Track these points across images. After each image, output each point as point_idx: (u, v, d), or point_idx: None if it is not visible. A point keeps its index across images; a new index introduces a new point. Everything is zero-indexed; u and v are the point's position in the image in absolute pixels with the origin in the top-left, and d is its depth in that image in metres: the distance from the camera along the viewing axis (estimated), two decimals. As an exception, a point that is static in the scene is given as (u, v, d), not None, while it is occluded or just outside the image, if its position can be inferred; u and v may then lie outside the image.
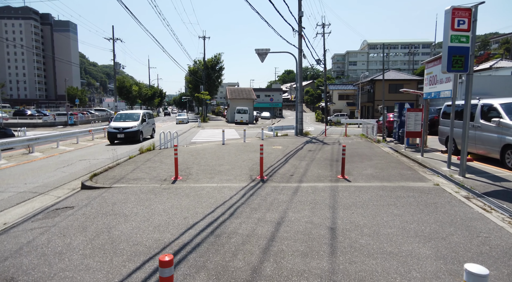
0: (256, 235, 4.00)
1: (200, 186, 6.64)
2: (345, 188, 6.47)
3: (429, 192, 6.16)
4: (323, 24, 36.51)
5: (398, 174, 7.92)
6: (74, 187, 7.08)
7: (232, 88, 43.52)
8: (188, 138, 18.43)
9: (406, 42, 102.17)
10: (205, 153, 11.36)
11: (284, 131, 21.36)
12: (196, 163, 9.38)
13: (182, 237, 3.95)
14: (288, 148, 12.80)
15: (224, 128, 27.73)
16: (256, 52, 19.78)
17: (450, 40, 7.09)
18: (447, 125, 11.15)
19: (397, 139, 14.67)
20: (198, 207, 5.19)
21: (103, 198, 5.77)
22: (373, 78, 39.57)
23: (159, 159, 10.05)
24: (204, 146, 13.95)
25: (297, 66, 20.18)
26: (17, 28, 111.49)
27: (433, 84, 9.77)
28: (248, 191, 6.19)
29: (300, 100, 20.43)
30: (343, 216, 4.76)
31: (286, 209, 5.08)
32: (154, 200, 5.57)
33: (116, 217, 4.70)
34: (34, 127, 31.63)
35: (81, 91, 75.92)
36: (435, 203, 5.45)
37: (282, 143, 14.88)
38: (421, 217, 4.73)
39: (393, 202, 5.49)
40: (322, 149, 12.56)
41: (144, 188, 6.42)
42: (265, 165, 8.95)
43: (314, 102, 74.38)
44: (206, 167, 8.69)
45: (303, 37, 20.17)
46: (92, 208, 5.17)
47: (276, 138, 17.08)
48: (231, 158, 10.31)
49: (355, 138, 17.80)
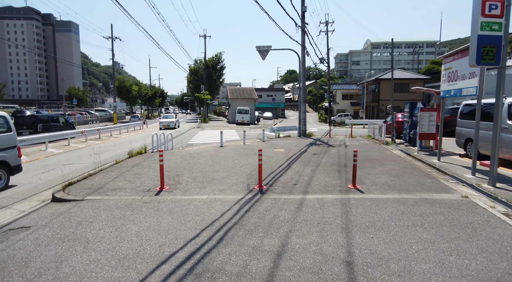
0: (249, 275, 3.03)
1: (188, 198, 5.67)
2: (359, 201, 5.48)
3: (459, 207, 5.16)
4: (327, 21, 35.51)
5: (417, 182, 6.92)
6: (45, 198, 6.15)
7: (233, 88, 42.55)
8: (186, 140, 17.49)
9: (410, 42, 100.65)
10: (200, 157, 10.40)
11: (286, 132, 20.37)
12: (188, 168, 8.42)
13: (151, 278, 2.99)
14: (291, 151, 11.82)
15: (223, 129, 26.82)
16: (257, 50, 18.82)
17: (480, 28, 6.08)
18: (465, 127, 10.12)
19: (408, 141, 13.63)
20: (181, 228, 4.23)
21: (69, 214, 4.82)
22: (378, 77, 38.47)
23: (148, 164, 9.11)
24: (201, 148, 13.00)
25: (300, 64, 19.18)
26: (19, 29, 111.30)
27: (453, 81, 8.75)
28: (243, 206, 5.22)
29: (303, 100, 19.44)
30: (361, 242, 3.78)
31: (289, 231, 4.11)
32: (129, 218, 4.61)
33: (75, 243, 3.75)
34: (30, 128, 30.82)
35: (82, 91, 75.11)
36: (471, 222, 4.45)
37: (285, 145, 13.90)
38: (460, 244, 3.74)
39: (420, 221, 4.50)
40: (327, 152, 11.56)
41: (122, 201, 5.47)
42: (265, 171, 7.98)
43: (317, 102, 73.30)
44: (198, 174, 7.73)
45: (306, 33, 19.18)
46: (50, 229, 4.23)
47: (278, 140, 16.10)
48: (228, 162, 9.34)
49: (361, 139, 16.79)
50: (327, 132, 21.83)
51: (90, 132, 18.77)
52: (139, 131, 25.61)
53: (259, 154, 6.40)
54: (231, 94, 37.80)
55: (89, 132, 18.50)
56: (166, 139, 13.16)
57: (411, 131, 13.17)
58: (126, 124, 26.36)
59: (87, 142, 17.16)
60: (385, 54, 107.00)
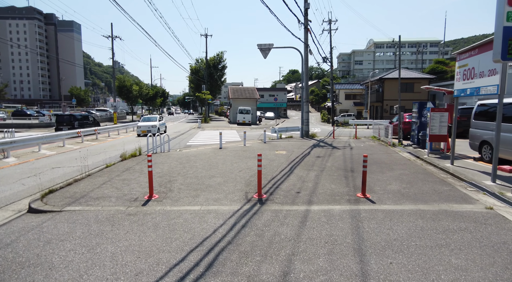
0: (242, 318, 2.41)
1: (178, 209, 5.06)
2: (370, 213, 4.85)
3: (486, 222, 4.51)
4: (330, 20, 34.85)
5: (432, 190, 6.27)
6: (22, 208, 5.56)
7: (235, 87, 41.88)
8: (185, 141, 16.89)
9: (413, 41, 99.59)
10: (197, 160, 9.80)
11: (288, 133, 19.73)
12: (183, 173, 7.81)
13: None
14: (294, 153, 11.19)
15: (224, 129, 26.23)
16: (258, 48, 18.21)
17: (506, 19, 5.43)
18: (480, 128, 9.45)
19: (416, 143, 12.95)
20: (165, 249, 3.62)
21: (40, 230, 4.23)
22: (382, 77, 37.70)
23: (141, 168, 8.51)
24: (199, 150, 12.40)
25: (302, 63, 18.53)
26: (21, 28, 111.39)
27: (469, 79, 8.08)
28: (239, 219, 4.61)
29: (305, 99, 18.79)
30: (378, 269, 3.15)
31: (292, 254, 3.49)
32: (107, 235, 4.01)
33: (35, 270, 3.14)
34: (29, 128, 30.39)
35: (84, 91, 74.72)
36: (504, 242, 3.81)
37: (287, 146, 13.27)
38: (498, 272, 3.10)
39: (444, 241, 3.86)
40: (332, 155, 10.92)
41: (103, 213, 4.87)
42: (265, 176, 7.36)
43: (320, 102, 72.54)
44: (193, 180, 7.12)
45: (309, 31, 18.53)
46: (12, 250, 3.63)
47: (280, 141, 15.47)
48: (226, 166, 8.73)
49: (366, 141, 16.12)
50: (331, 133, 21.16)
51: (87, 133, 18.25)
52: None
53: (259, 158, 5.78)
54: (233, 94, 37.17)
55: (85, 132, 17.96)
56: (163, 141, 12.57)
57: (420, 132, 12.50)
58: (125, 124, 25.84)
59: (83, 143, 16.61)
60: (388, 54, 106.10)
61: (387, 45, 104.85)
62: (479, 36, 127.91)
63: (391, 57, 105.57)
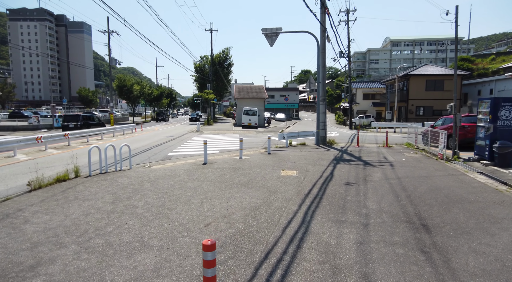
0: None
1: None
2: None
3: None
4: (347, 9, 30.84)
5: None
6: None
7: (240, 86, 38.09)
8: (168, 150, 13.22)
9: (432, 39, 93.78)
10: (151, 190, 6.13)
11: (300, 139, 15.88)
12: (88, 234, 4.14)
13: None
14: (308, 175, 7.40)
15: (225, 133, 22.43)
16: (263, 33, 14.51)
17: None
18: None
19: (489, 159, 8.89)
20: None
21: None
22: (407, 73, 33.28)
23: (36, 210, 4.89)
24: (175, 166, 8.77)
25: (319, 51, 14.66)
26: (32, 30, 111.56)
27: None
28: None
29: (322, 97, 14.88)
30: None
31: None
32: None
33: None
34: (14, 131, 27.56)
35: (92, 92, 72.89)
36: None
37: (298, 161, 9.48)
38: None
39: None
40: (369, 180, 7.07)
41: None
42: (256, 234, 3.60)
43: (333, 103, 68.18)
44: (84, 260, 3.44)
45: (327, 11, 14.69)
46: None
47: (289, 152, 11.65)
48: (188, 209, 5.02)
49: (402, 150, 12.13)
50: (352, 139, 17.18)
51: (74, 136, 15.17)
52: (133, 135, 21.59)
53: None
54: (238, 93, 33.45)
55: (72, 135, 14.84)
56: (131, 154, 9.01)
57: (496, 142, 8.47)
58: (122, 126, 23.11)
59: (70, 145, 13.46)
60: (406, 52, 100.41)
61: (404, 43, 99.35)
62: (499, 34, 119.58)
63: (408, 55, 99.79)
